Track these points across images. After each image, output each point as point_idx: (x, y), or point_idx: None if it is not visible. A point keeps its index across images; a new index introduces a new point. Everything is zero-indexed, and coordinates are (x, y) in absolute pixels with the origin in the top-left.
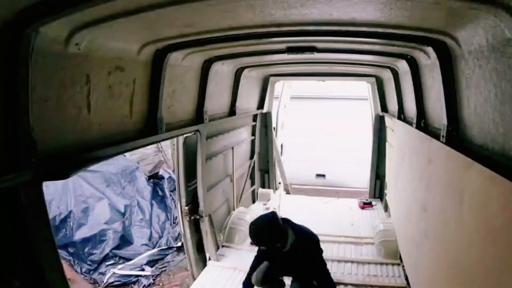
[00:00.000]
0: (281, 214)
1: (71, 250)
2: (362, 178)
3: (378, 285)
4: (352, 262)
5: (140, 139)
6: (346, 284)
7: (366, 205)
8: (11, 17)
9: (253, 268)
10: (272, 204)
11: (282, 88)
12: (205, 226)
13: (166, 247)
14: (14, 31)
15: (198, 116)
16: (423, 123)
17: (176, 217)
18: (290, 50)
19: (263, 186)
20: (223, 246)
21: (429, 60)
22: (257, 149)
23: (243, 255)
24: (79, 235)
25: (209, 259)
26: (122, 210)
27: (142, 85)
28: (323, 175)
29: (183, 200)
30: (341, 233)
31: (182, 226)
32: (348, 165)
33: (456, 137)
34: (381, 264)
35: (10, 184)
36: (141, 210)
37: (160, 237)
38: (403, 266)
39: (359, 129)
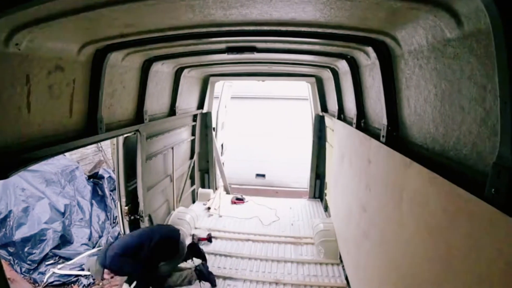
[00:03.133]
0: (221, 213)
1: (10, 249)
2: (302, 178)
3: (318, 285)
4: (292, 262)
5: (80, 139)
6: (285, 284)
7: (238, 200)
8: None
9: None
10: (213, 204)
11: (222, 88)
12: (145, 225)
13: None
14: None
15: (138, 116)
16: (363, 123)
17: (116, 216)
18: (230, 50)
19: (203, 186)
20: None
21: (369, 60)
22: (197, 149)
23: None
24: (18, 234)
25: None
26: (62, 210)
27: (82, 85)
28: (263, 175)
29: (123, 200)
30: (281, 233)
31: (122, 226)
32: (288, 165)
33: (396, 137)
34: (321, 264)
35: None
36: (81, 209)
37: (100, 237)
38: (343, 266)
39: (299, 129)
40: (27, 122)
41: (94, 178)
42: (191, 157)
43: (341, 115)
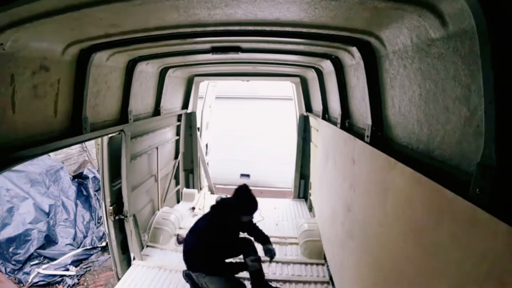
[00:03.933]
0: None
1: None
2: (287, 178)
3: (303, 284)
4: (276, 262)
5: (64, 139)
6: None
7: None
8: None
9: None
10: (197, 204)
11: (207, 88)
12: (129, 226)
13: (90, 247)
14: None
15: (123, 116)
16: (347, 123)
17: (101, 217)
18: (214, 50)
19: (187, 186)
20: (147, 246)
21: (353, 60)
22: (181, 149)
23: (167, 254)
24: (3, 234)
25: (134, 258)
26: (47, 210)
27: (66, 85)
28: (248, 175)
29: (108, 200)
30: (265, 233)
31: (106, 226)
32: (273, 165)
33: (380, 137)
34: (306, 264)
35: None
36: (66, 210)
37: (84, 237)
38: (327, 266)
39: (283, 129)
40: (12, 122)
41: (79, 178)
42: (176, 157)
43: (325, 115)
